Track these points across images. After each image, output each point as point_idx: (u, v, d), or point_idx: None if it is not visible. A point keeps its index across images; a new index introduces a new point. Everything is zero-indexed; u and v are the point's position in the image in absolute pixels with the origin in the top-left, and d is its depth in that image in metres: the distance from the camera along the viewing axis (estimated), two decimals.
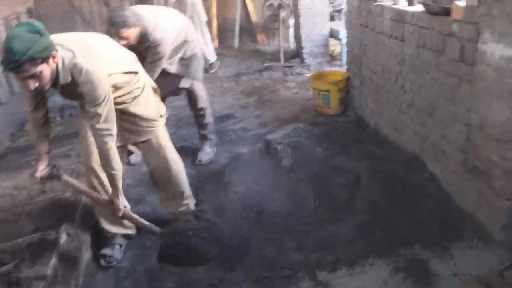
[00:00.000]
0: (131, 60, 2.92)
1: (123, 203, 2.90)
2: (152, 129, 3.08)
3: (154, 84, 3.14)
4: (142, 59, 3.48)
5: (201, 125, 4.39)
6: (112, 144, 2.66)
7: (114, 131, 2.65)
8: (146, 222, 3.06)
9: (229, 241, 3.14)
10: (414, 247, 2.88)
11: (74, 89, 2.56)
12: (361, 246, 2.95)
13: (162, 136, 3.17)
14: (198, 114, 4.31)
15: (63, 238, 3.08)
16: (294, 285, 2.72)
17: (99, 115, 2.56)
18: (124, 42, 3.39)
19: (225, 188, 3.71)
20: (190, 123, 4.77)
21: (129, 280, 2.97)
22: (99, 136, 2.62)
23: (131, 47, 3.31)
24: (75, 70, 2.48)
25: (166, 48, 3.70)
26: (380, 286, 2.65)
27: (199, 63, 4.17)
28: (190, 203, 3.39)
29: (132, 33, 3.47)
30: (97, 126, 2.59)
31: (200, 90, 4.24)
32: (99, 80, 2.52)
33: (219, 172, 3.98)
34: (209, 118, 4.39)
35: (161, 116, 3.13)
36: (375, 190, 3.41)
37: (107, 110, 2.58)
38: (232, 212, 3.43)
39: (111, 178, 2.78)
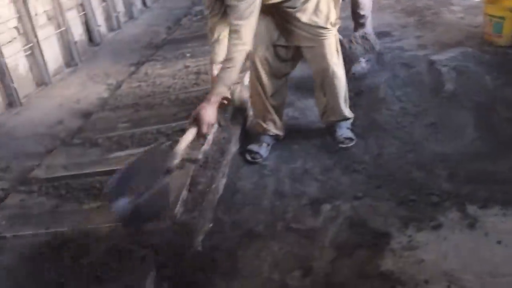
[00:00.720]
0: None
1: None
2: (321, 37, 2.98)
3: None
4: None
5: (363, 38, 4.19)
6: (238, 42, 2.56)
7: (245, 30, 2.56)
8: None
9: (377, 158, 3.03)
10: None
11: None
12: None
13: (330, 45, 3.04)
14: (358, 22, 4.13)
15: (215, 127, 3.17)
16: (441, 213, 2.56)
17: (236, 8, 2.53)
18: None
19: (379, 104, 3.55)
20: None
21: (272, 178, 3.02)
22: (230, 31, 2.60)
23: None
24: None
25: None
26: None
27: None
28: (349, 115, 3.29)
29: None
30: (232, 20, 2.57)
31: None
32: None
33: (374, 88, 3.81)
34: (368, 29, 4.17)
35: (331, 25, 3.00)
36: None
37: (244, 7, 2.52)
38: (383, 130, 3.29)
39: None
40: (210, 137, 3.05)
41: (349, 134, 3.24)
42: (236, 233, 2.59)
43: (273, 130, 3.27)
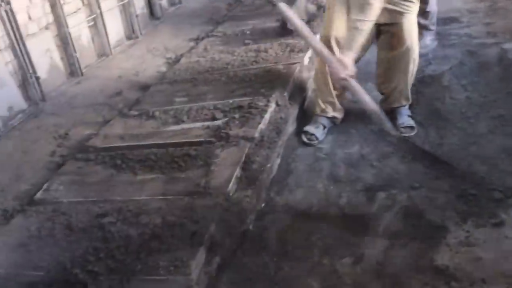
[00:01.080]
0: None
1: (350, 66, 2.84)
2: (405, 11, 2.90)
3: None
4: None
5: (423, 13, 3.95)
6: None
7: None
8: (370, 101, 2.93)
9: (437, 148, 2.92)
10: None
11: None
12: None
13: (412, 21, 2.98)
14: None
15: (272, 106, 3.14)
16: (503, 210, 2.44)
17: None
18: None
19: (442, 92, 3.41)
20: None
21: (327, 161, 2.96)
22: None
23: None
24: None
25: None
26: None
27: None
28: (406, 103, 3.19)
29: None
30: None
31: None
32: None
33: (438, 75, 3.66)
34: (432, 6, 3.98)
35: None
36: None
37: None
38: (445, 120, 3.16)
39: (352, 34, 2.78)
40: (267, 116, 3.02)
41: (411, 122, 3.13)
42: (288, 215, 2.56)
43: (331, 112, 3.21)
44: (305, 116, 3.34)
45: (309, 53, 3.85)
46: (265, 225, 2.50)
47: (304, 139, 3.15)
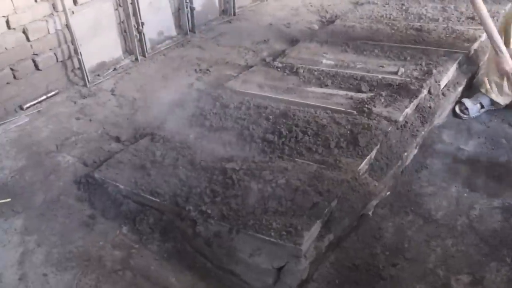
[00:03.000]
0: None
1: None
2: None
3: None
4: None
5: None
6: None
7: None
8: None
9: None
10: None
11: None
12: None
13: None
14: None
15: (424, 92, 2.92)
16: None
17: None
18: None
19: None
20: None
21: (467, 166, 2.72)
22: None
23: None
24: None
25: None
26: None
27: None
28: None
29: None
30: None
31: None
32: None
33: None
34: None
35: None
36: None
37: None
38: None
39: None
40: (415, 101, 2.83)
41: None
42: (411, 210, 2.41)
43: (495, 95, 3.08)
44: (472, 90, 3.29)
45: (476, 44, 3.51)
46: (384, 215, 2.38)
47: (457, 109, 3.11)
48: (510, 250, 2.17)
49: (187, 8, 4.26)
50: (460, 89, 3.21)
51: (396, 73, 3.14)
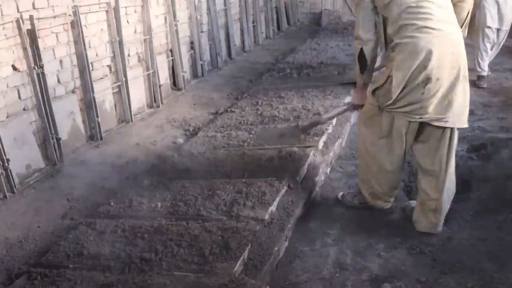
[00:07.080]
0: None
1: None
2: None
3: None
4: None
5: None
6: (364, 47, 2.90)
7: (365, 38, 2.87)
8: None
9: (446, 242, 2.95)
10: None
11: None
12: None
13: (454, 135, 2.91)
14: None
15: (284, 190, 3.18)
16: None
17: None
18: None
19: None
20: None
21: (334, 247, 2.95)
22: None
23: None
24: None
25: None
26: None
27: None
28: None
29: None
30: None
31: None
32: None
33: None
34: None
35: None
36: None
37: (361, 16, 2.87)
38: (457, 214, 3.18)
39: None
40: (278, 198, 3.05)
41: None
42: None
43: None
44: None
45: (324, 137, 3.92)
46: None
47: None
48: None
49: (52, 139, 4.27)
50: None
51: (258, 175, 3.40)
